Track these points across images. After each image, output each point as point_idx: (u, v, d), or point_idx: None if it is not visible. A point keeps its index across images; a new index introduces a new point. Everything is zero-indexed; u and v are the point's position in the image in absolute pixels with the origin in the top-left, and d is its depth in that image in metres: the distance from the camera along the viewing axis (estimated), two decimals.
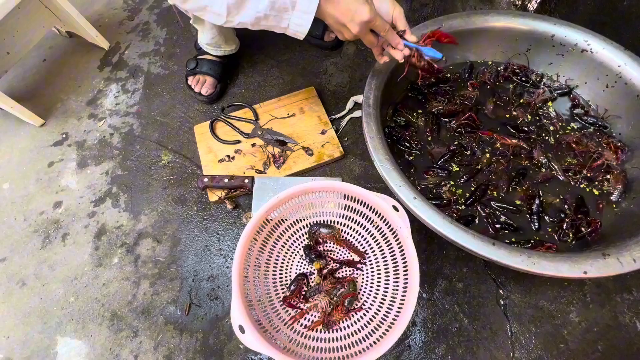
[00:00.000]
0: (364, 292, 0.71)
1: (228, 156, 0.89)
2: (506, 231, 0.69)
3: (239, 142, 0.91)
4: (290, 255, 0.75)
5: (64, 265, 0.82)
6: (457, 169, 0.77)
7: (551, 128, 0.80)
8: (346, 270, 0.73)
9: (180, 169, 0.92)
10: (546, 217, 0.70)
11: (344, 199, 0.72)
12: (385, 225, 0.69)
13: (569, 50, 0.80)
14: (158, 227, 0.85)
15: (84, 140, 1.00)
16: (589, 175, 0.73)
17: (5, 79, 1.08)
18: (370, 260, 0.73)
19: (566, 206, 0.70)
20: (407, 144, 0.80)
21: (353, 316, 0.68)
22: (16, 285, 0.81)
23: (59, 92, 1.08)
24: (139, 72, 1.10)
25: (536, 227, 0.68)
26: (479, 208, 0.71)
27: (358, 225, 0.75)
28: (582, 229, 0.66)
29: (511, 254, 0.54)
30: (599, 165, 0.72)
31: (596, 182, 0.72)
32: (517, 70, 0.85)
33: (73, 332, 0.75)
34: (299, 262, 0.75)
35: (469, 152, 0.78)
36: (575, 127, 0.80)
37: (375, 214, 0.70)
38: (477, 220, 0.71)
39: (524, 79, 0.85)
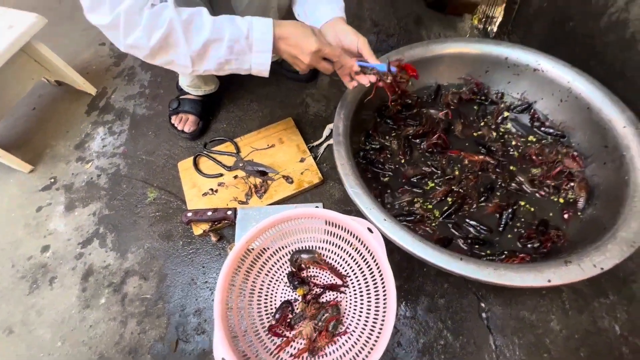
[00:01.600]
0: (348, 315, 0.72)
1: (211, 189, 0.92)
2: (480, 245, 0.72)
3: (221, 175, 0.95)
4: (275, 284, 0.77)
5: (51, 310, 0.83)
6: (432, 185, 0.80)
7: (513, 142, 0.84)
8: (330, 295, 0.75)
9: (165, 205, 0.94)
10: (514, 228, 0.73)
11: (325, 224, 0.75)
12: (364, 247, 0.71)
13: (523, 70, 0.86)
14: (145, 264, 0.86)
15: (72, 183, 1.02)
16: (553, 184, 0.76)
17: None
18: (352, 283, 0.75)
19: (525, 220, 0.74)
20: (381, 166, 0.84)
21: (338, 340, 0.69)
22: (3, 333, 0.81)
23: (48, 138, 1.12)
24: (125, 114, 1.15)
25: (501, 229, 0.72)
26: (451, 227, 0.74)
27: (339, 249, 0.77)
28: (536, 243, 0.70)
29: (479, 268, 0.56)
30: (560, 172, 0.76)
31: (561, 191, 0.76)
32: (475, 90, 0.91)
33: None
34: (283, 289, 0.76)
35: (439, 171, 0.82)
36: (534, 140, 0.84)
37: (354, 237, 0.72)
38: (454, 240, 0.73)
39: (482, 97, 0.91)
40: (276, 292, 0.76)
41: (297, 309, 0.74)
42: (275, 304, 0.75)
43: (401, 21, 1.24)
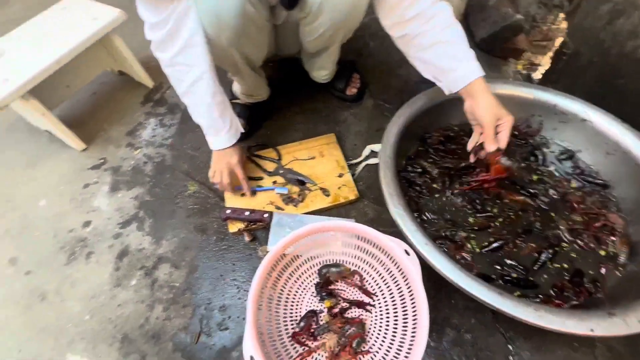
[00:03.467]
0: (372, 334, 0.71)
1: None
2: (515, 286, 0.71)
3: (261, 178, 0.98)
4: (302, 292, 0.78)
5: (85, 283, 0.86)
6: (472, 220, 0.81)
7: (553, 188, 0.84)
8: (355, 311, 0.75)
9: (204, 200, 0.98)
10: (550, 272, 0.72)
11: (357, 239, 0.76)
12: (397, 268, 0.72)
13: (571, 119, 0.88)
14: (177, 253, 0.89)
15: (120, 166, 1.08)
16: (593, 236, 0.75)
17: (58, 108, 1.21)
18: (379, 303, 0.75)
19: (564, 271, 0.73)
20: (419, 189, 0.86)
21: (360, 359, 0.68)
22: (37, 299, 0.84)
23: (102, 122, 1.20)
24: (177, 109, 1.22)
25: (536, 268, 0.72)
26: (488, 264, 0.74)
27: (369, 267, 0.78)
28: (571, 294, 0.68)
29: (518, 305, 0.56)
30: (602, 226, 0.75)
31: (601, 244, 0.75)
32: (515, 133, 0.93)
33: (83, 351, 0.76)
34: (309, 299, 0.77)
35: (479, 206, 0.82)
36: (575, 187, 0.84)
37: (387, 257, 0.73)
38: (491, 277, 0.73)
39: (523, 140, 0.92)
40: (302, 300, 0.77)
41: (322, 320, 0.74)
42: (300, 312, 0.75)
43: None
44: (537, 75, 1.31)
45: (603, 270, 0.72)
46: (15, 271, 0.89)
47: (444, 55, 0.74)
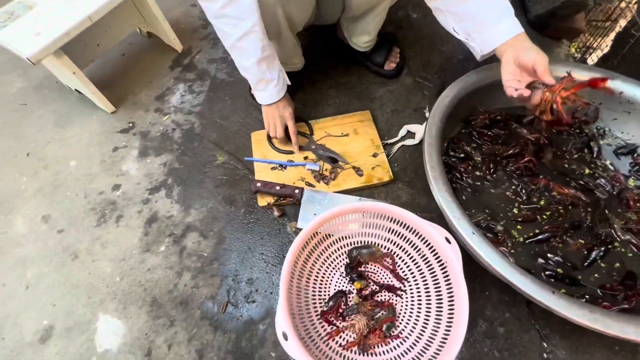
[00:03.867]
0: (403, 319, 0.70)
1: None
2: (559, 282, 0.67)
3: (292, 152, 0.95)
4: (331, 271, 0.76)
5: (115, 246, 0.86)
6: (517, 211, 0.76)
7: (607, 183, 0.78)
8: (385, 295, 0.73)
9: (233, 171, 0.96)
10: (600, 271, 0.68)
11: (392, 222, 0.73)
12: (433, 255, 0.69)
13: (637, 109, 0.80)
14: (206, 223, 0.88)
15: (148, 131, 1.07)
16: None
17: (87, 68, 1.19)
18: (411, 288, 0.73)
19: (615, 271, 0.68)
20: (460, 176, 0.81)
21: (390, 342, 0.67)
22: (69, 257, 0.86)
23: (132, 85, 1.18)
24: (206, 75, 1.18)
25: (586, 265, 0.68)
26: (532, 257, 0.70)
27: (402, 251, 0.75)
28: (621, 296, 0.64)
29: (572, 307, 0.52)
30: None
31: None
32: (569, 122, 0.85)
33: (114, 311, 0.78)
34: (338, 279, 0.76)
35: (524, 197, 0.77)
36: (633, 184, 0.78)
37: (424, 243, 0.70)
38: (533, 272, 0.69)
39: (577, 130, 0.85)
40: (331, 280, 0.75)
41: (351, 301, 0.73)
42: (329, 291, 0.74)
43: None
44: (593, 59, 1.20)
45: None
46: (49, 228, 0.90)
47: (484, 7, 0.68)
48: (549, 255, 0.70)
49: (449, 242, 0.65)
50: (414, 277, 0.73)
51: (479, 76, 0.82)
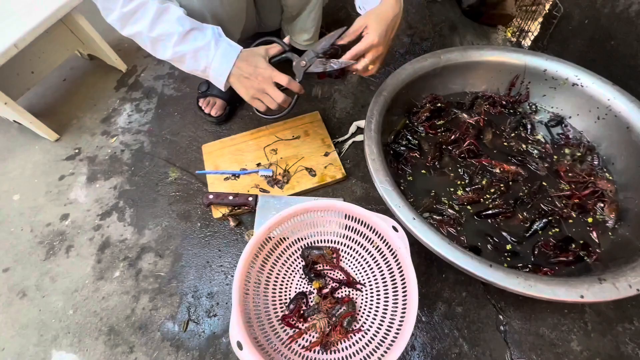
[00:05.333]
0: (364, 312, 0.71)
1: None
2: (505, 256, 0.70)
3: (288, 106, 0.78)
4: (290, 274, 0.76)
5: (66, 277, 0.83)
6: (460, 192, 0.79)
7: (542, 156, 0.82)
8: (346, 291, 0.74)
9: (186, 186, 0.95)
10: (539, 241, 0.71)
11: (345, 218, 0.74)
12: (385, 245, 0.70)
13: (561, 84, 0.85)
14: (161, 242, 0.86)
15: (96, 155, 1.03)
16: (582, 203, 0.74)
17: (26, 96, 1.14)
18: (369, 281, 0.74)
19: (553, 236, 0.72)
20: (404, 165, 0.83)
21: (352, 337, 0.68)
22: (16, 296, 0.81)
23: (75, 110, 1.14)
24: (153, 93, 1.16)
25: (527, 235, 0.71)
26: (477, 233, 0.73)
27: (358, 245, 0.76)
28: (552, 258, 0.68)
29: (508, 276, 0.55)
30: (592, 193, 0.74)
31: (590, 211, 0.74)
32: (503, 102, 0.90)
33: (69, 346, 0.74)
34: (298, 281, 0.76)
35: (467, 179, 0.80)
36: (567, 153, 0.82)
37: (376, 235, 0.71)
38: (481, 249, 0.71)
39: (511, 109, 0.89)
40: (291, 283, 0.75)
41: (312, 301, 0.73)
42: (289, 294, 0.74)
43: (436, 26, 1.23)
44: (527, 42, 1.27)
45: (594, 236, 0.71)
46: None
47: None
48: (496, 231, 0.73)
49: (397, 231, 0.67)
50: (371, 269, 0.74)
51: (413, 67, 0.85)
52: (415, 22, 1.25)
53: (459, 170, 0.82)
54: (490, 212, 0.75)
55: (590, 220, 0.73)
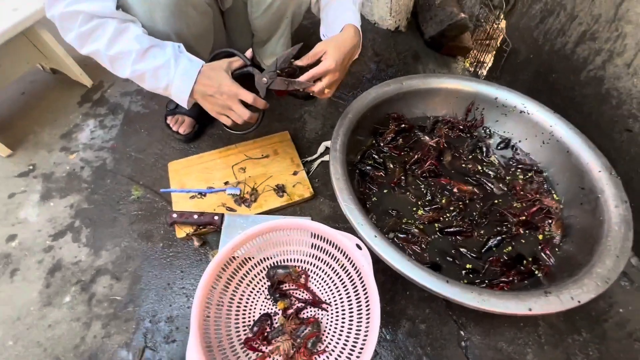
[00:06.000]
0: (329, 333, 0.70)
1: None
2: (465, 273, 0.73)
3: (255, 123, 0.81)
4: (255, 295, 0.74)
5: (7, 305, 0.76)
6: (421, 212, 0.82)
7: (496, 176, 0.88)
8: (312, 311, 0.73)
9: (149, 205, 0.92)
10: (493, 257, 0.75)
11: (311, 237, 0.74)
12: (350, 264, 0.71)
13: (510, 111, 0.93)
14: (119, 264, 0.82)
15: (52, 172, 0.98)
16: (531, 220, 0.80)
17: None
18: (335, 301, 0.73)
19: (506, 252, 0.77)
20: (373, 184, 0.86)
21: (316, 359, 0.66)
22: None
23: (33, 124, 1.09)
24: (119, 109, 1.13)
25: (483, 252, 0.75)
26: (440, 251, 0.76)
27: (324, 264, 0.76)
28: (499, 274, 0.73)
29: (463, 292, 0.57)
30: (539, 210, 0.80)
31: (539, 228, 0.79)
32: (461, 127, 0.96)
33: None
34: (263, 302, 0.74)
35: (429, 197, 0.84)
36: (518, 175, 0.89)
37: (341, 253, 0.72)
38: (443, 266, 0.74)
39: (467, 134, 0.96)
40: (256, 304, 0.74)
41: (277, 322, 0.71)
42: (254, 316, 0.72)
43: (400, 55, 1.31)
44: (483, 72, 1.38)
45: (543, 252, 0.76)
46: None
47: (333, 17, 0.81)
48: (456, 248, 0.76)
49: (360, 249, 0.68)
50: (337, 288, 0.74)
51: (378, 91, 0.90)
52: (382, 50, 1.32)
53: (422, 189, 0.86)
54: (452, 229, 0.78)
55: (540, 237, 0.79)
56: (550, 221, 0.79)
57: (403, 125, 0.96)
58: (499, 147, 0.93)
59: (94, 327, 0.73)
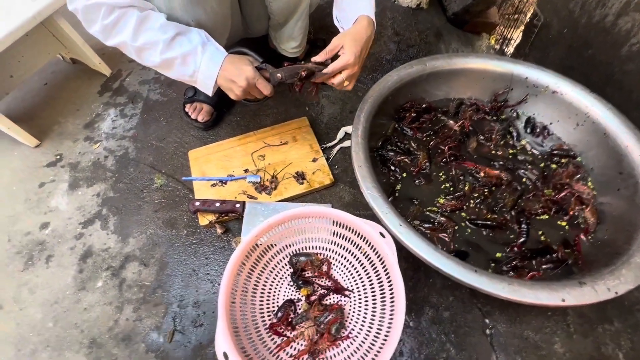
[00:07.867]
0: (352, 319, 0.70)
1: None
2: (493, 260, 0.71)
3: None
4: (279, 281, 0.75)
5: (45, 289, 0.80)
6: (442, 201, 0.80)
7: (526, 163, 0.84)
8: (334, 297, 0.74)
9: (172, 193, 0.93)
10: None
11: (333, 225, 0.74)
12: (373, 252, 0.70)
13: (542, 91, 0.87)
14: (146, 251, 0.84)
15: (78, 162, 1.01)
16: (561, 207, 0.76)
17: (5, 100, 1.10)
18: (357, 287, 0.74)
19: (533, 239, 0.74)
20: (395, 170, 0.83)
21: (340, 344, 0.67)
22: None
23: (57, 115, 1.11)
24: (138, 98, 1.14)
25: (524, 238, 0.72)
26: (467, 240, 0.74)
27: (346, 251, 0.76)
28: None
29: (492, 282, 0.55)
30: (569, 195, 0.76)
31: (569, 214, 0.75)
32: (487, 109, 0.92)
33: None
34: (287, 288, 0.75)
35: (450, 185, 0.81)
36: (548, 160, 0.84)
37: (363, 241, 0.71)
38: (469, 255, 0.72)
39: (494, 117, 0.91)
40: (279, 291, 0.75)
41: (300, 309, 0.72)
42: (277, 302, 0.73)
43: (422, 33, 1.25)
44: (510, 49, 1.30)
45: (576, 240, 0.73)
46: None
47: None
48: (484, 238, 0.74)
49: (384, 237, 0.67)
50: (359, 275, 0.74)
51: (399, 74, 0.86)
52: (402, 30, 1.26)
53: (445, 175, 0.83)
54: (482, 222, 0.75)
55: (572, 224, 0.75)
56: (583, 207, 0.76)
57: (424, 106, 0.92)
58: (528, 131, 0.89)
59: (125, 310, 0.77)
